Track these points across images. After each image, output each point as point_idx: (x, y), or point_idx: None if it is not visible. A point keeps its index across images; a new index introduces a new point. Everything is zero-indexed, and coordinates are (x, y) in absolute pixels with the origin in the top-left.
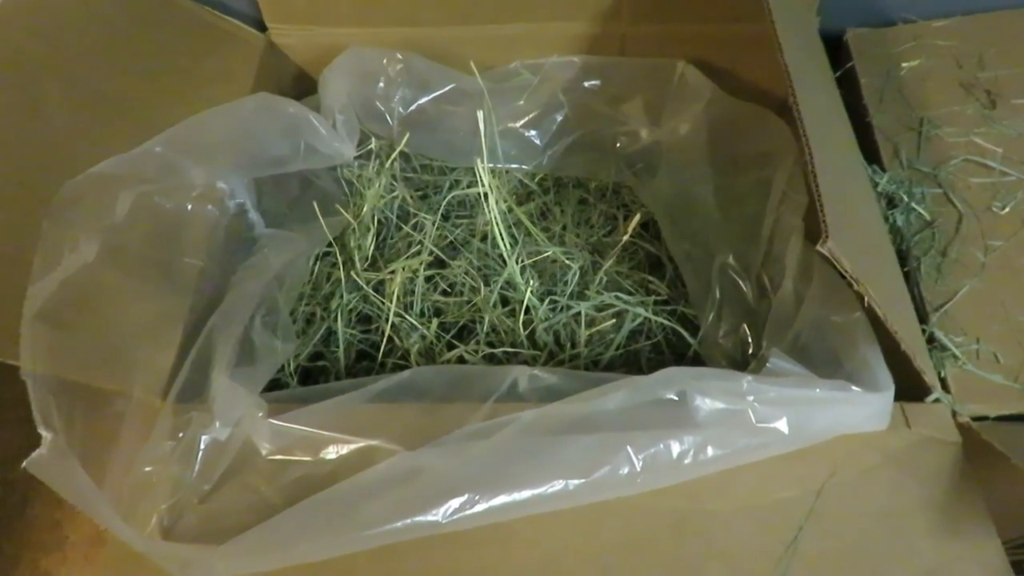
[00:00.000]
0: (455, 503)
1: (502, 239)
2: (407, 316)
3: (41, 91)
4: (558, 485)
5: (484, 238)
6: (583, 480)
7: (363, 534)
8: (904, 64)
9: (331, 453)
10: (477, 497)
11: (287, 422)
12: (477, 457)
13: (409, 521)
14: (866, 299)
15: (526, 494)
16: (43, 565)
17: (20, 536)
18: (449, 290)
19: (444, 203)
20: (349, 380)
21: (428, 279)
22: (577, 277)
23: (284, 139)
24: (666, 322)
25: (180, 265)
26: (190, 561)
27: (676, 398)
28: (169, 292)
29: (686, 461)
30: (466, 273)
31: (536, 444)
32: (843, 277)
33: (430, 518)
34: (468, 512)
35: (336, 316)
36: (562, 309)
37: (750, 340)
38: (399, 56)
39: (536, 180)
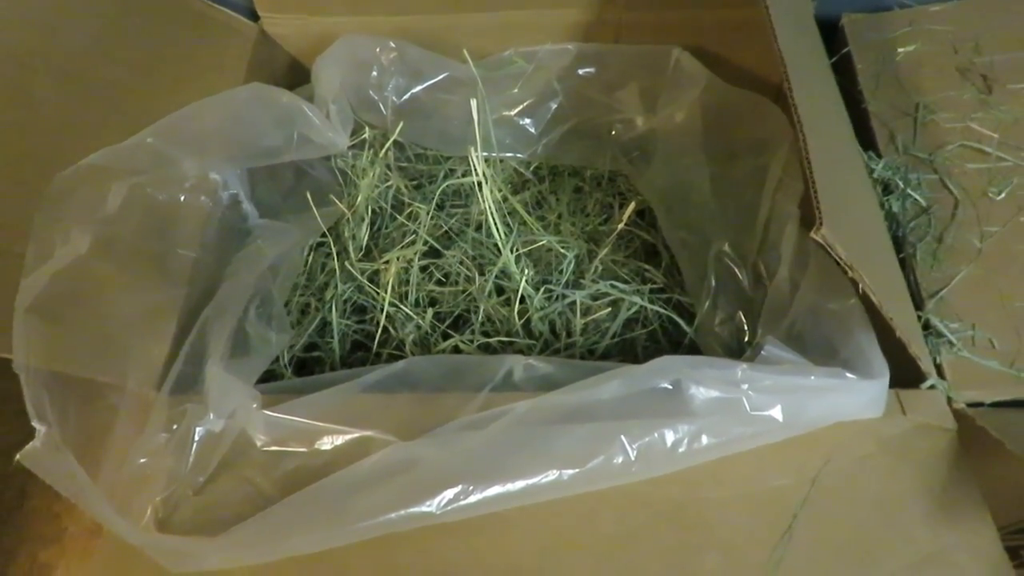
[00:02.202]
0: (449, 494)
1: (497, 228)
2: (402, 306)
3: (31, 82)
4: (553, 475)
5: (479, 227)
6: (578, 470)
7: (358, 526)
8: (900, 49)
9: (326, 444)
10: (472, 488)
11: (281, 413)
12: (472, 448)
13: (404, 512)
14: (861, 286)
15: (520, 484)
16: (42, 558)
17: (19, 529)
18: (444, 280)
19: (439, 192)
20: (344, 371)
21: (423, 269)
22: (572, 266)
23: (277, 129)
24: (662, 310)
25: (173, 257)
26: (185, 553)
27: (670, 387)
28: (162, 284)
29: (681, 450)
30: (461, 263)
31: (530, 434)
32: (838, 264)
33: (424, 509)
34: (462, 503)
35: (331, 307)
36: (557, 298)
37: (746, 328)
38: (392, 44)
39: (531, 169)
